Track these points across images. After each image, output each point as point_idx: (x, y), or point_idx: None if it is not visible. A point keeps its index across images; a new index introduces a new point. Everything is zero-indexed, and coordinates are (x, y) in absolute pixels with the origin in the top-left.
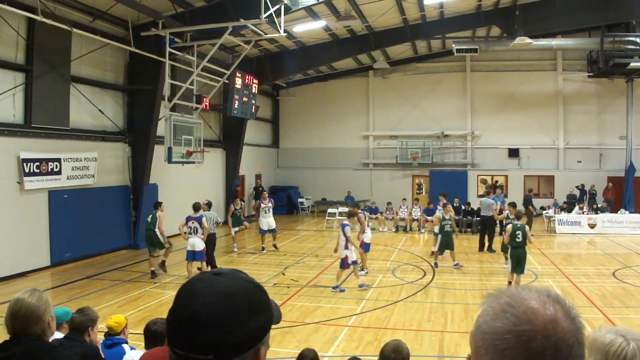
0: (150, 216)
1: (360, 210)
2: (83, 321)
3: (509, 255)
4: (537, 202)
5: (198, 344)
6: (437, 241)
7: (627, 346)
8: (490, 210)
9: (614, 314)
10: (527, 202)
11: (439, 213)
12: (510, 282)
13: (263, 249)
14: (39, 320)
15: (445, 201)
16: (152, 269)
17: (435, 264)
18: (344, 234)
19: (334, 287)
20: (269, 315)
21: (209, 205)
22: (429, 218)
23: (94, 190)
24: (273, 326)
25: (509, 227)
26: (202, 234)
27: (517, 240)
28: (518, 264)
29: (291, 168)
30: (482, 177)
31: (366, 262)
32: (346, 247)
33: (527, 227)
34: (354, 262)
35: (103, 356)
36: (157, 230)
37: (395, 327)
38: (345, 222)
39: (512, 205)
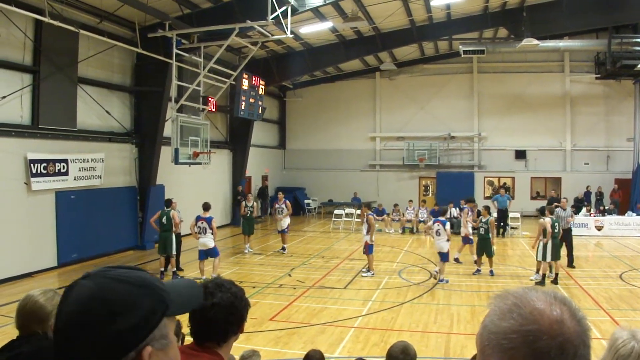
0: (165, 217)
1: (370, 212)
2: None
3: (550, 247)
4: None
5: (63, 356)
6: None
7: (632, 347)
8: (566, 223)
9: (621, 316)
10: (553, 202)
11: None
12: (557, 273)
13: (284, 248)
14: (41, 322)
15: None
16: (173, 269)
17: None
18: (445, 230)
19: (440, 280)
20: (139, 316)
21: (167, 203)
22: None
23: (100, 191)
24: (276, 327)
25: (549, 220)
26: (212, 234)
27: (555, 231)
28: (557, 252)
29: (298, 169)
30: (489, 178)
31: (373, 263)
32: (447, 240)
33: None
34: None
35: None
36: (173, 233)
37: (401, 328)
38: (441, 218)
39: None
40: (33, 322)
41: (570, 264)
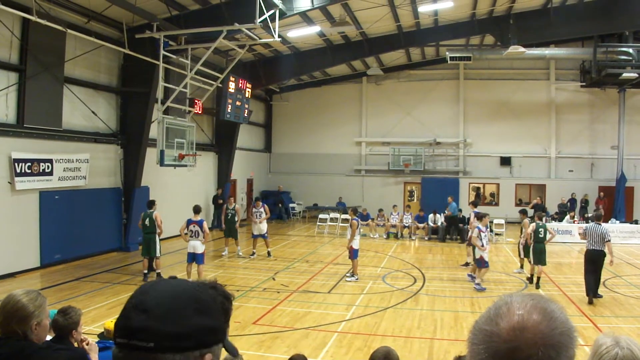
0: (148, 219)
1: (354, 217)
2: (67, 325)
3: (531, 250)
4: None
5: (140, 329)
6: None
7: (616, 354)
8: (602, 244)
9: (603, 323)
10: (539, 208)
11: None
12: (532, 276)
13: (253, 253)
14: (22, 322)
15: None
16: (158, 270)
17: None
18: (473, 236)
19: (475, 284)
20: (218, 322)
21: (150, 205)
22: (420, 225)
23: (85, 191)
24: (260, 331)
25: (533, 225)
26: (203, 237)
27: (539, 236)
28: (540, 257)
29: (283, 173)
30: (473, 185)
31: (357, 268)
32: (481, 246)
33: (547, 225)
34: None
35: None
36: (157, 234)
37: (385, 333)
38: (478, 224)
39: (523, 212)
40: (14, 321)
41: (595, 292)
